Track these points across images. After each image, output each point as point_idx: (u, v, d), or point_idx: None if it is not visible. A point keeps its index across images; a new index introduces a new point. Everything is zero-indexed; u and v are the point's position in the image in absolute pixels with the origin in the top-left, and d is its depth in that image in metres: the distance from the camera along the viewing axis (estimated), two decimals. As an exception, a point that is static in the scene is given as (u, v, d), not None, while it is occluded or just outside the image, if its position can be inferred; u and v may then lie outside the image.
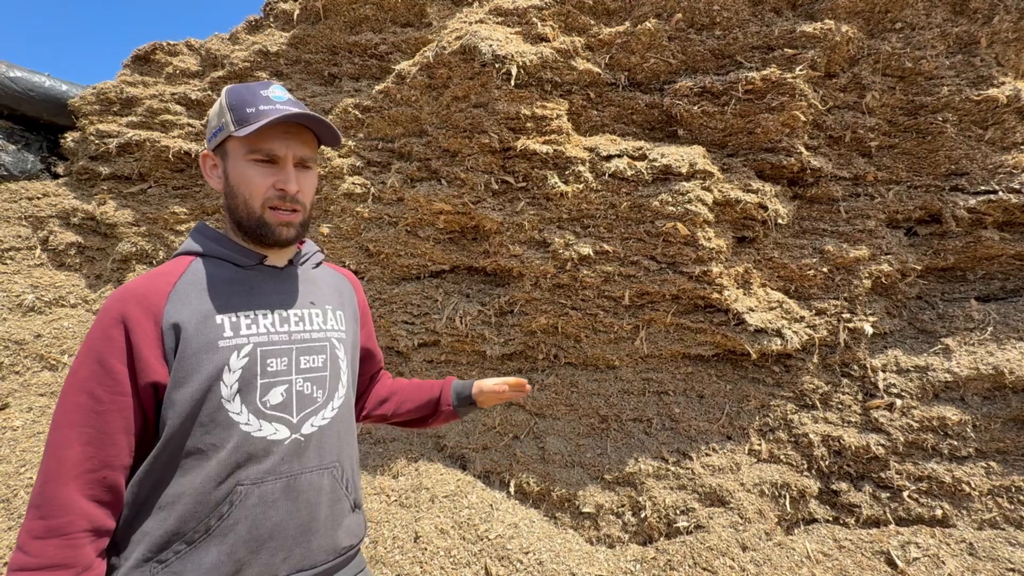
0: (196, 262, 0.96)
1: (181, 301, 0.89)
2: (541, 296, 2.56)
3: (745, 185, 2.32)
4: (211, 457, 0.85)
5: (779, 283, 2.43)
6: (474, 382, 1.31)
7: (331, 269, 1.19)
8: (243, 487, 0.86)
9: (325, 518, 0.94)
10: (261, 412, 0.90)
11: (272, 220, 0.96)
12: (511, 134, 2.44)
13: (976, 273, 2.41)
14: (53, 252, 3.63)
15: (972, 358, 2.22)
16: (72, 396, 0.83)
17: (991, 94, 2.17)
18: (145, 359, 0.84)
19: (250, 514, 0.86)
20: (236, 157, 0.96)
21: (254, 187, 0.94)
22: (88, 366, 0.84)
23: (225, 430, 0.87)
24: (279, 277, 1.02)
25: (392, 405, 1.29)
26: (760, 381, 2.49)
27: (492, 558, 2.22)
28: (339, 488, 0.98)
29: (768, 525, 2.26)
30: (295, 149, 0.96)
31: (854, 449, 2.26)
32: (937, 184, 2.34)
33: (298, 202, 0.98)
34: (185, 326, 0.87)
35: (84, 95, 3.68)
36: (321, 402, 0.98)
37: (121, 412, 0.83)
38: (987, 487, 2.11)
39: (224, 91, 0.98)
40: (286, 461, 0.90)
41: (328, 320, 1.04)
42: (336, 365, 1.02)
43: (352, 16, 3.07)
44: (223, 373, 0.87)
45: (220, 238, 1.00)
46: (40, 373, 3.24)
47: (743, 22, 2.30)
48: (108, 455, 0.82)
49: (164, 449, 0.85)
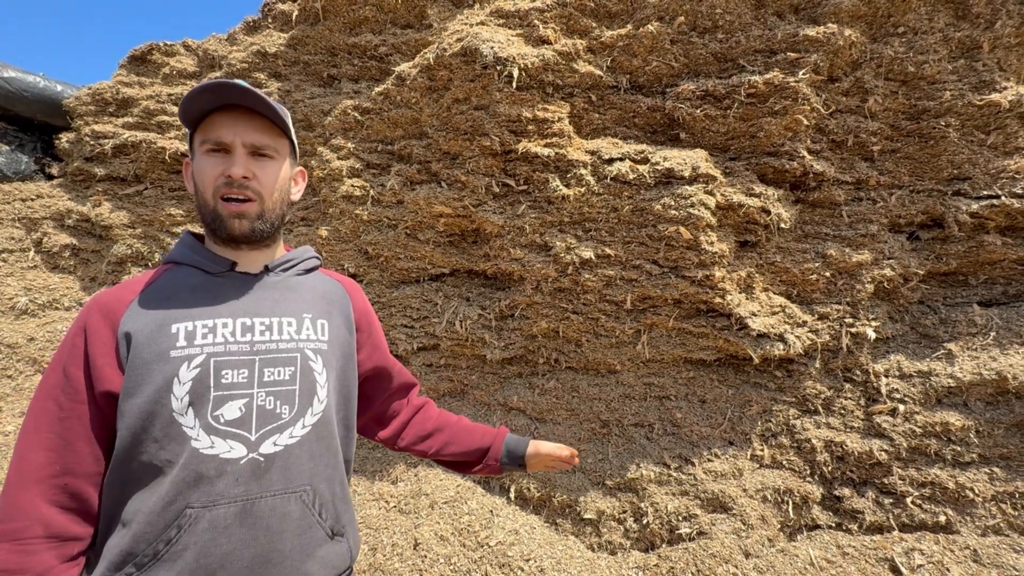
0: (170, 270, 0.96)
1: (140, 310, 0.87)
2: (542, 300, 2.54)
3: (748, 189, 2.31)
4: (167, 474, 0.81)
5: (781, 287, 2.42)
6: (530, 441, 1.23)
7: (324, 275, 1.12)
8: (192, 510, 0.80)
9: (291, 549, 0.85)
10: (213, 428, 0.84)
11: (224, 211, 0.92)
12: (512, 137, 2.43)
13: (978, 278, 2.40)
14: (47, 254, 3.59)
15: (975, 363, 2.21)
16: (39, 402, 0.84)
17: (993, 99, 2.17)
18: (99, 367, 0.83)
19: (199, 540, 0.80)
20: (196, 152, 0.95)
21: (205, 176, 0.92)
22: (55, 373, 0.84)
23: (179, 445, 0.82)
24: (249, 284, 0.97)
25: (436, 443, 1.21)
26: (762, 386, 2.47)
27: (493, 565, 2.19)
28: (310, 514, 0.89)
29: (771, 531, 2.24)
30: (244, 135, 0.92)
31: (857, 455, 2.25)
32: (940, 189, 2.33)
33: (249, 189, 0.92)
34: (136, 335, 0.85)
35: (79, 95, 3.65)
36: (288, 419, 0.90)
37: (80, 420, 0.82)
38: (991, 493, 2.10)
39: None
40: (241, 483, 0.83)
41: (303, 330, 0.96)
42: (309, 379, 0.94)
43: (351, 17, 3.05)
44: (173, 384, 0.83)
45: (194, 244, 0.98)
46: (33, 377, 3.19)
47: (745, 25, 2.29)
48: (69, 462, 0.81)
49: (118, 461, 0.83)
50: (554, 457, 1.22)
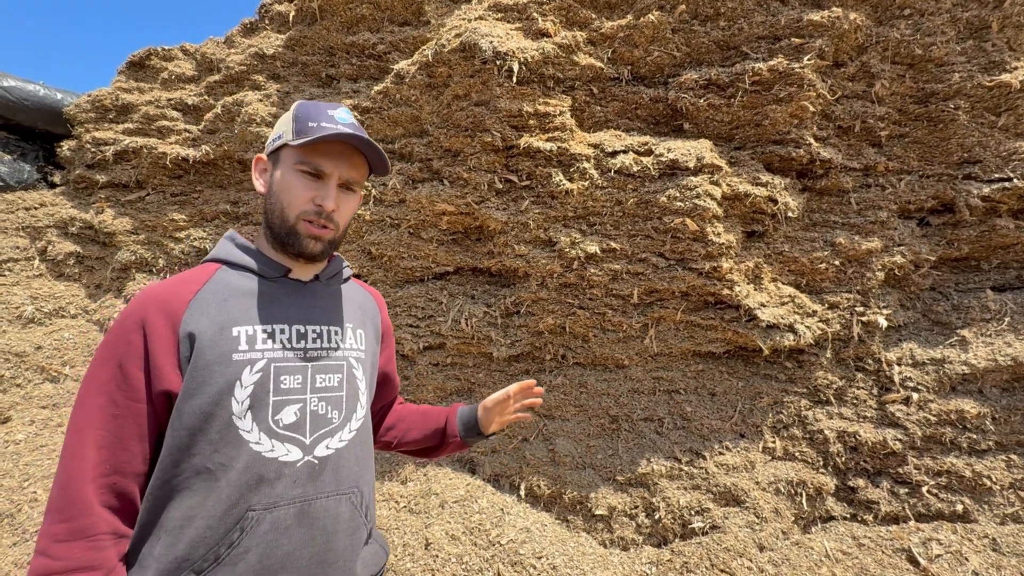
0: (221, 271, 0.95)
1: (200, 310, 0.87)
2: (548, 296, 2.52)
3: (754, 178, 2.28)
4: (220, 478, 0.82)
5: (790, 277, 2.39)
6: (479, 405, 1.22)
7: (358, 286, 1.15)
8: (254, 512, 0.82)
9: (344, 548, 0.89)
10: (273, 431, 0.86)
11: (303, 231, 0.94)
12: (514, 132, 2.40)
13: (991, 262, 2.36)
14: (52, 262, 3.60)
15: (989, 349, 2.17)
16: (92, 397, 0.82)
17: (1004, 79, 2.13)
18: (159, 366, 0.82)
19: (261, 541, 0.81)
20: (286, 165, 0.95)
21: (294, 196, 0.93)
22: (108, 368, 0.82)
23: (234, 448, 0.83)
24: (302, 292, 0.99)
25: (397, 433, 1.24)
26: (773, 377, 2.44)
27: (505, 564, 2.18)
28: (358, 516, 0.93)
29: (785, 524, 2.22)
30: (342, 170, 0.95)
31: (870, 444, 2.22)
32: (950, 173, 2.29)
33: (332, 220, 0.96)
34: (200, 336, 0.84)
35: (79, 103, 3.65)
36: (337, 423, 0.94)
37: (135, 418, 0.81)
38: (1008, 480, 2.07)
39: (296, 103, 0.99)
40: (299, 485, 0.86)
41: (347, 339, 1.01)
42: (354, 385, 0.98)
43: (349, 16, 3.03)
44: (235, 388, 0.84)
45: (248, 248, 0.99)
46: (41, 385, 3.20)
47: (748, 12, 2.25)
48: (120, 461, 0.81)
49: (167, 464, 0.82)
50: (500, 403, 1.19)
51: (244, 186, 3.49)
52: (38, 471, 2.60)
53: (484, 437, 1.23)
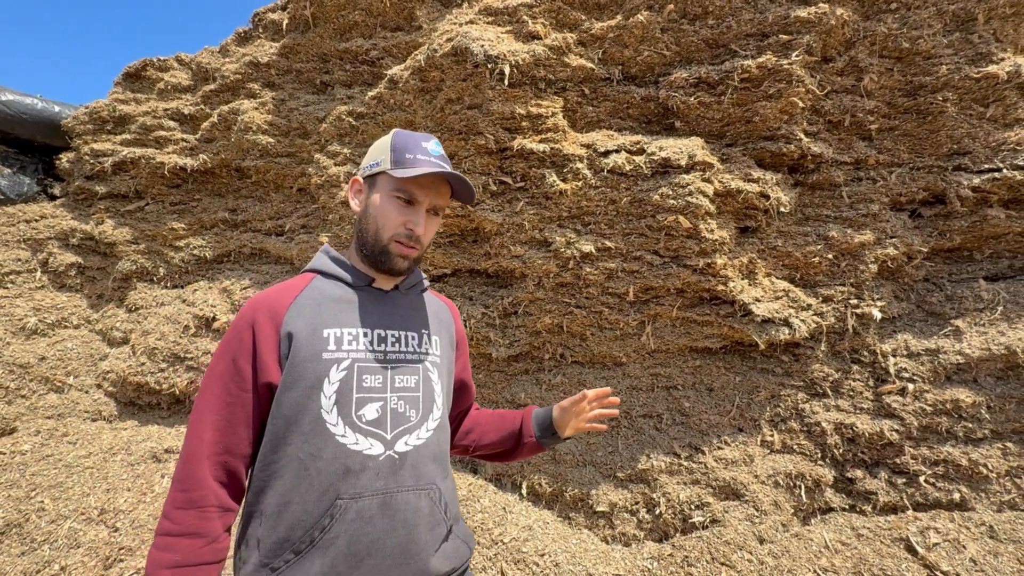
0: (316, 279, 1.07)
1: (298, 313, 0.98)
2: (545, 296, 2.54)
3: (745, 175, 2.30)
4: (310, 467, 0.91)
5: (784, 272, 2.41)
6: (553, 407, 1.24)
7: (434, 296, 1.24)
8: (342, 501, 0.90)
9: (425, 541, 0.95)
10: (356, 426, 0.95)
11: (394, 250, 1.05)
12: (507, 134, 2.42)
13: (983, 252, 2.38)
14: (53, 274, 3.63)
15: (983, 339, 2.19)
16: (211, 386, 0.94)
17: (991, 71, 2.15)
18: (264, 361, 0.94)
19: (349, 528, 0.89)
20: (383, 190, 1.05)
21: (388, 220, 1.04)
22: (225, 361, 0.95)
23: (322, 440, 0.92)
24: (383, 299, 1.09)
25: (475, 437, 1.28)
26: (769, 371, 2.46)
27: (508, 561, 2.20)
28: (438, 511, 0.99)
29: (784, 516, 2.24)
30: (432, 198, 1.06)
31: (868, 436, 2.24)
32: (940, 164, 2.31)
33: (419, 242, 1.07)
34: (297, 336, 0.96)
35: (77, 115, 3.68)
36: (415, 422, 1.01)
37: (243, 406, 0.93)
38: (1005, 468, 2.09)
39: (393, 132, 1.09)
40: (381, 477, 0.94)
41: (423, 343, 1.09)
42: (430, 387, 1.06)
43: (341, 23, 3.05)
44: (323, 384, 0.94)
45: (338, 259, 1.10)
46: (46, 396, 3.23)
47: (736, 10, 2.27)
48: (231, 442, 0.92)
49: (269, 450, 0.93)
50: (574, 402, 1.19)
51: (242, 194, 3.52)
52: (44, 481, 2.62)
53: (560, 439, 1.23)
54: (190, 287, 3.46)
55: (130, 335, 3.40)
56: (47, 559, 2.25)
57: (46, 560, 2.25)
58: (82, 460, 2.78)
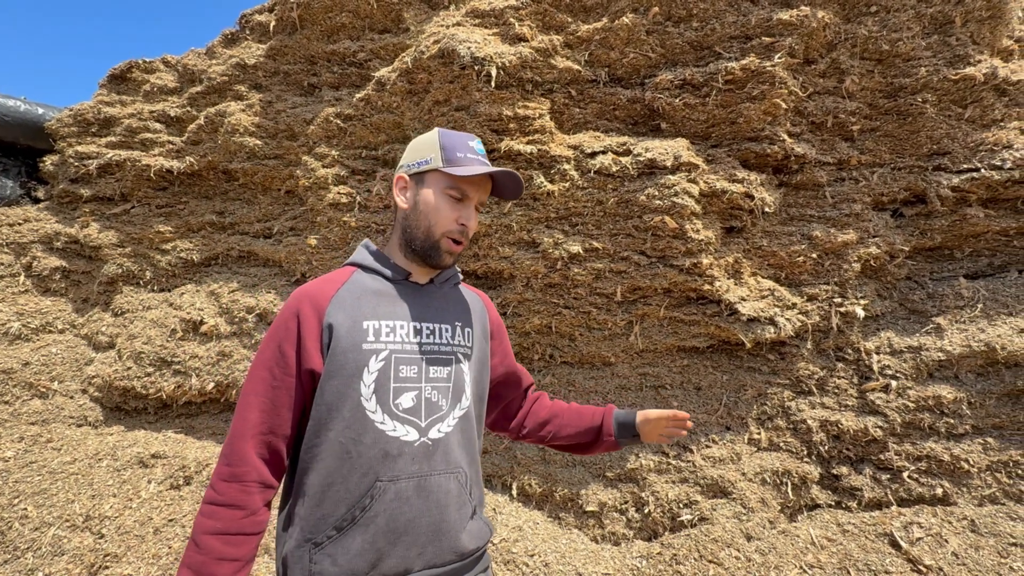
0: (357, 273, 1.11)
1: (339, 305, 1.03)
2: (533, 296, 2.55)
3: (730, 175, 2.32)
4: (351, 451, 0.96)
5: (769, 271, 2.44)
6: (637, 412, 1.30)
7: (467, 289, 1.28)
8: (381, 483, 0.96)
9: (454, 520, 1.02)
10: (394, 414, 1.00)
11: (444, 246, 1.09)
12: (494, 135, 2.43)
13: (963, 251, 2.42)
14: (37, 278, 3.58)
15: (964, 336, 2.23)
16: (258, 371, 1.00)
17: (968, 72, 2.19)
18: (308, 349, 0.99)
19: (387, 508, 0.95)
20: (434, 188, 1.09)
21: (442, 217, 1.08)
22: (272, 347, 1.01)
23: (362, 426, 0.97)
24: (419, 293, 1.13)
25: (552, 428, 1.31)
26: (756, 370, 2.49)
27: (498, 562, 2.20)
28: (464, 493, 1.05)
29: (771, 513, 2.26)
30: (481, 194, 1.12)
31: (852, 432, 2.27)
32: (920, 165, 2.35)
33: (467, 237, 1.12)
34: (338, 327, 1.00)
35: (61, 117, 3.64)
36: (446, 410, 1.06)
37: (288, 390, 0.99)
38: (985, 463, 2.13)
39: (437, 131, 1.12)
40: (416, 462, 0.99)
41: (456, 335, 1.13)
42: (460, 378, 1.10)
43: (329, 25, 3.05)
44: (363, 373, 0.99)
45: (377, 254, 1.14)
46: (30, 401, 3.19)
47: (720, 12, 2.30)
48: (275, 423, 0.98)
49: (312, 434, 0.98)
50: (664, 418, 1.25)
51: (229, 196, 3.50)
52: (28, 488, 2.59)
53: (638, 441, 1.29)
54: (177, 290, 3.43)
55: (116, 339, 3.37)
56: (30, 567, 2.22)
57: (29, 568, 2.22)
58: (67, 466, 2.74)
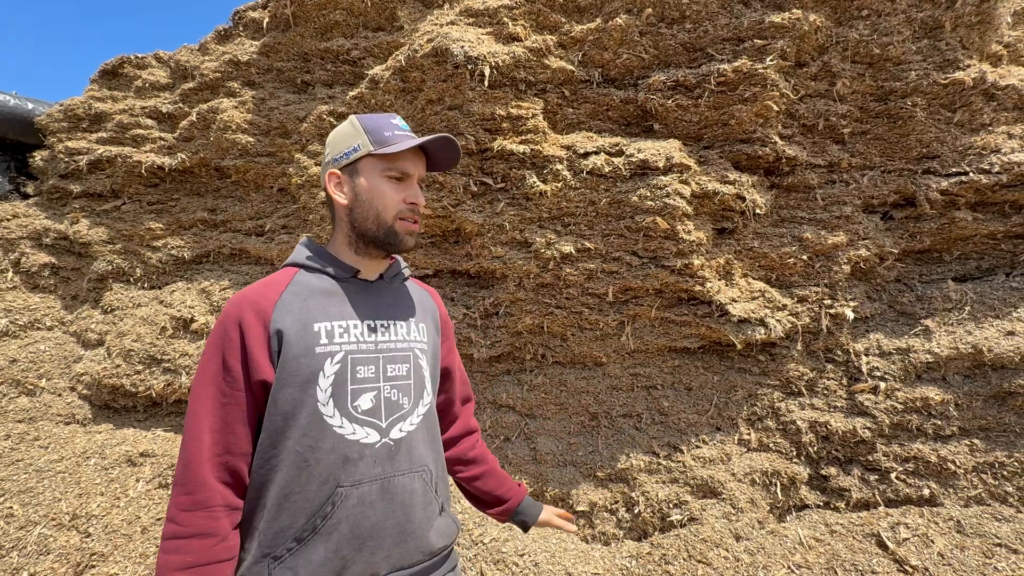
0: (300, 273, 1.06)
1: (285, 309, 0.98)
2: (525, 296, 2.55)
3: (722, 177, 2.33)
4: (310, 459, 0.93)
5: (760, 272, 2.45)
6: (543, 511, 1.33)
7: (416, 285, 1.26)
8: (343, 488, 0.93)
9: (420, 520, 1.00)
10: (353, 416, 0.97)
11: (401, 229, 1.06)
12: (487, 135, 2.43)
13: (952, 254, 2.44)
14: (26, 274, 3.55)
15: (952, 338, 2.25)
16: (203, 388, 0.94)
17: (957, 77, 2.21)
18: (255, 359, 0.94)
19: (351, 514, 0.93)
20: (371, 174, 1.05)
21: (388, 200, 1.05)
22: (214, 362, 0.95)
23: (320, 432, 0.94)
24: (369, 290, 1.10)
25: (470, 473, 1.30)
26: (746, 371, 2.50)
27: (488, 562, 2.20)
28: (430, 491, 1.04)
29: (760, 514, 2.27)
30: (420, 169, 1.09)
31: (841, 433, 2.28)
32: (910, 168, 2.37)
33: (420, 214, 1.09)
34: (287, 333, 0.95)
35: (51, 112, 3.60)
36: (407, 408, 1.04)
37: (238, 405, 0.93)
38: (971, 464, 2.14)
39: (355, 118, 1.08)
40: (379, 464, 0.97)
41: (411, 331, 1.11)
42: (420, 374, 1.08)
43: (322, 22, 3.04)
44: (319, 378, 0.95)
45: (321, 252, 1.09)
46: (17, 399, 3.16)
47: (713, 14, 2.31)
48: (229, 442, 0.92)
49: (265, 446, 0.94)
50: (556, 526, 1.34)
51: (221, 193, 3.47)
52: (14, 486, 2.56)
53: (524, 530, 1.33)
54: (168, 288, 3.41)
55: (105, 337, 3.34)
56: (16, 566, 2.20)
57: (15, 567, 2.20)
58: (54, 464, 2.72)
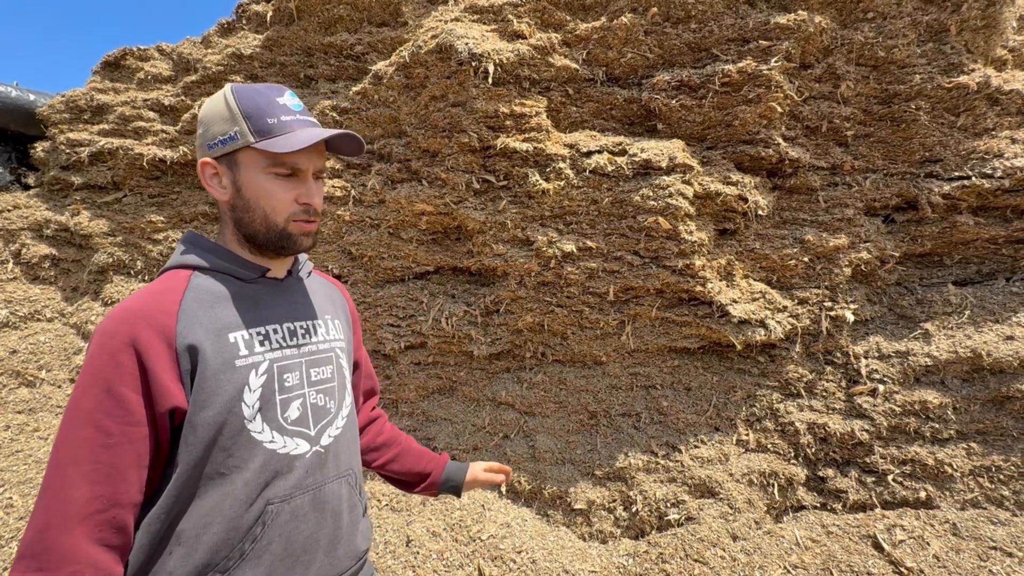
0: (196, 276, 0.90)
1: (191, 320, 0.83)
2: (526, 294, 2.55)
3: (725, 178, 2.33)
4: (234, 480, 0.82)
5: (761, 274, 2.45)
6: (468, 470, 1.31)
7: (320, 277, 1.15)
8: (273, 505, 0.85)
9: (347, 524, 0.96)
10: (283, 428, 0.89)
11: (295, 231, 0.93)
12: (490, 133, 2.43)
13: (953, 258, 2.45)
14: (26, 265, 3.55)
15: (951, 342, 2.25)
16: (76, 430, 0.74)
17: (962, 81, 2.20)
18: (162, 384, 0.78)
19: (283, 531, 0.85)
20: (253, 169, 0.89)
21: (277, 202, 0.90)
22: (93, 396, 0.75)
23: (248, 451, 0.84)
24: (281, 289, 0.99)
25: (383, 457, 1.25)
26: (746, 372, 2.50)
27: (485, 559, 2.21)
28: (355, 494, 1.00)
29: (757, 514, 2.28)
30: (315, 162, 0.93)
31: (839, 435, 2.29)
32: (912, 171, 2.37)
33: (317, 213, 0.96)
34: (201, 347, 0.82)
35: (53, 103, 3.60)
36: (334, 412, 0.98)
37: (133, 444, 0.76)
38: (968, 468, 2.15)
39: (231, 92, 0.89)
40: (310, 474, 0.91)
41: (330, 330, 1.04)
42: (342, 375, 1.03)
43: (326, 17, 3.03)
44: (244, 393, 0.84)
45: (218, 250, 0.94)
46: (17, 390, 3.16)
47: (718, 15, 2.30)
48: (118, 492, 0.74)
49: (184, 478, 0.79)
50: (485, 481, 1.33)
51: (223, 187, 3.47)
52: (13, 477, 2.57)
53: (457, 494, 1.31)
54: (168, 281, 3.41)
55: (106, 329, 3.34)
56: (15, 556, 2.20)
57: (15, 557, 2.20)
58: (53, 456, 2.72)
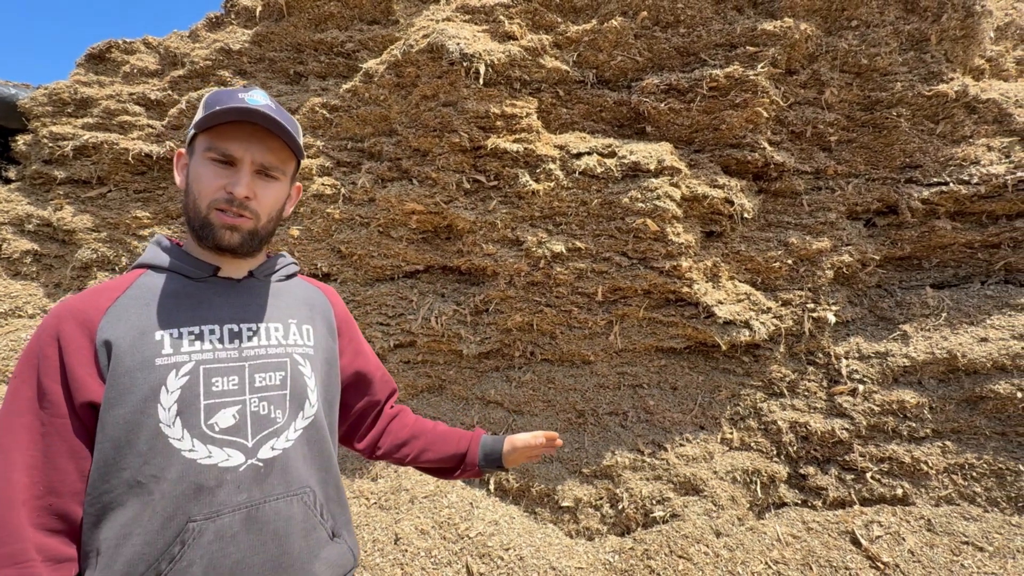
0: (145, 275, 0.91)
1: (118, 317, 0.83)
2: (516, 294, 2.57)
3: (712, 180, 2.37)
4: (153, 491, 0.78)
5: (746, 275, 2.49)
6: (505, 438, 1.21)
7: (304, 282, 1.12)
8: (195, 523, 0.78)
9: (299, 550, 0.86)
10: (208, 436, 0.82)
11: (216, 221, 0.89)
12: (481, 133, 2.44)
13: (931, 261, 2.51)
14: (7, 261, 3.48)
15: (928, 343, 2.32)
16: (14, 418, 0.77)
17: (941, 89, 2.27)
18: (78, 378, 0.79)
19: (206, 552, 0.78)
20: (197, 154, 0.91)
21: (203, 186, 0.89)
22: (27, 385, 0.79)
23: (165, 459, 0.79)
24: (234, 289, 0.95)
25: (412, 450, 1.18)
26: (731, 371, 2.55)
27: (473, 556, 2.23)
28: (313, 516, 0.90)
29: (740, 511, 2.32)
30: (255, 153, 0.90)
31: (820, 434, 2.35)
32: (893, 176, 2.43)
33: (248, 209, 0.90)
34: (118, 343, 0.81)
35: (35, 96, 3.53)
36: (282, 423, 0.89)
37: (61, 435, 0.77)
38: (943, 465, 2.22)
39: (208, 90, 0.94)
40: (244, 490, 0.82)
41: (290, 335, 0.97)
42: (300, 383, 0.94)
43: (317, 13, 3.01)
44: (160, 394, 0.81)
45: (172, 249, 0.95)
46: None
47: (707, 20, 2.34)
48: (53, 481, 0.76)
49: (98, 479, 0.78)
50: (531, 447, 1.21)
51: (211, 183, 3.43)
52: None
53: (504, 470, 1.22)
54: (154, 278, 3.37)
55: (89, 326, 3.29)
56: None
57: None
58: (35, 454, 2.68)
